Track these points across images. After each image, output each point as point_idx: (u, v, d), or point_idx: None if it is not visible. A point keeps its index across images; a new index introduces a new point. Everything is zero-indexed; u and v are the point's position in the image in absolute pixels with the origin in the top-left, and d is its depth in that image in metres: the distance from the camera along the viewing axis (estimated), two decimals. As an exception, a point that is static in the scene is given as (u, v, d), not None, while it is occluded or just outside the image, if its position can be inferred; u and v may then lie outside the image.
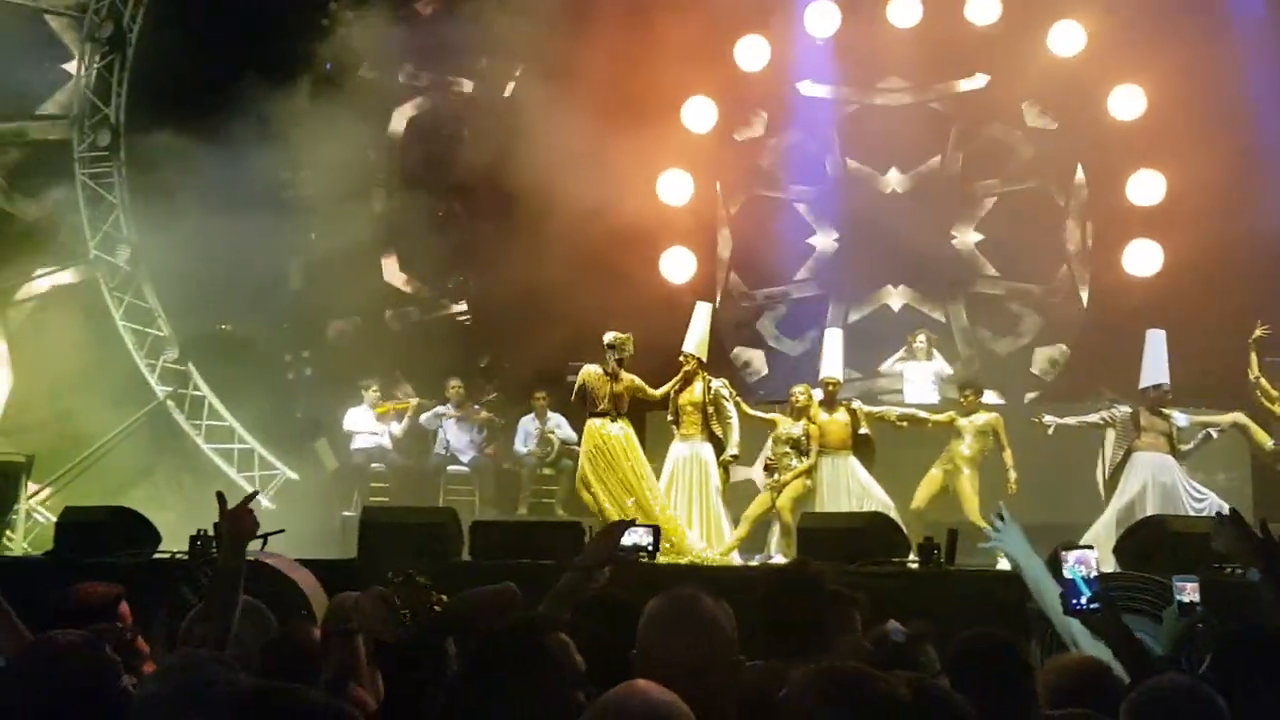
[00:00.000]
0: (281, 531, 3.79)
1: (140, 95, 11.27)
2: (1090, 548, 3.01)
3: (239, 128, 10.32)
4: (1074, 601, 2.81)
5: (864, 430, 8.87)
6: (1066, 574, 2.86)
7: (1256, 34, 10.34)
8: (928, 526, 8.05)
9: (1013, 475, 8.56)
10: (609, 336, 8.58)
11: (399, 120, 12.08)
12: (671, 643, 2.20)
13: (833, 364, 9.09)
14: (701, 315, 8.93)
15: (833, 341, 9.24)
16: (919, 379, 10.15)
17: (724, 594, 2.35)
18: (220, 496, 3.01)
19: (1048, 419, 8.70)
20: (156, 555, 7.33)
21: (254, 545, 3.14)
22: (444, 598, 2.81)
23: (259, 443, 11.09)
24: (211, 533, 7.15)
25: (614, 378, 8.56)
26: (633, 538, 2.99)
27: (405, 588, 2.80)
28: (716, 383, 8.76)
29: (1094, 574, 2.83)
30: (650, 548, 3.00)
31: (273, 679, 3.38)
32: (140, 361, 11.00)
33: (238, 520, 2.92)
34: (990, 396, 9.98)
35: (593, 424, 8.57)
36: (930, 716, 2.01)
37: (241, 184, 10.35)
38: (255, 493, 3.09)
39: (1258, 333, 8.77)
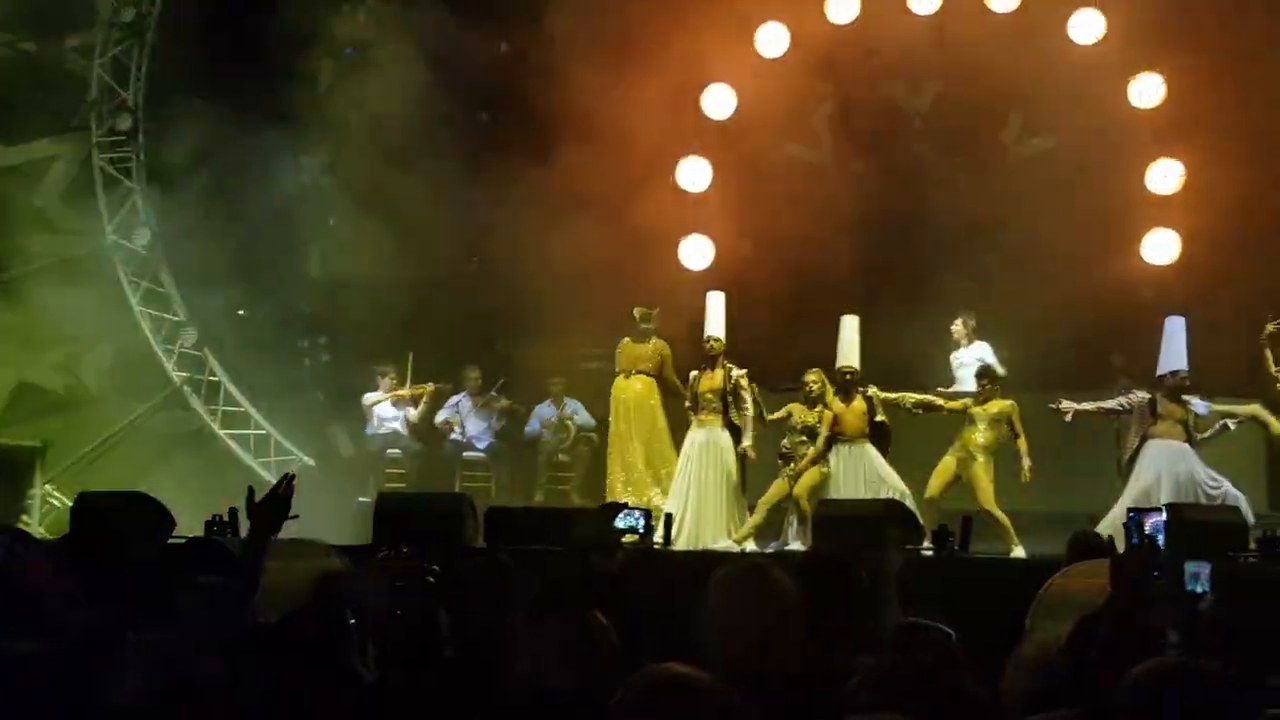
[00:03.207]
0: (295, 517, 3.80)
1: (159, 79, 11.30)
2: (1160, 510, 2.98)
3: (258, 112, 10.35)
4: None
5: (880, 418, 8.84)
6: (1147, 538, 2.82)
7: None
8: (943, 515, 8.05)
9: (1026, 464, 8.51)
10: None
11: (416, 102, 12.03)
12: (742, 612, 2.18)
13: (849, 352, 9.05)
14: (716, 303, 9.05)
15: (848, 329, 9.20)
16: (964, 366, 10.00)
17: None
18: (250, 490, 3.05)
19: (1065, 404, 8.64)
20: (171, 540, 7.37)
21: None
22: (436, 569, 2.84)
23: (275, 429, 11.14)
24: (228, 518, 7.23)
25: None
26: (627, 520, 3.00)
27: (397, 561, 2.83)
28: (737, 372, 8.83)
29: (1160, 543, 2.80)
30: (641, 530, 3.01)
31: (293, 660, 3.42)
32: (157, 347, 11.06)
33: (270, 513, 2.96)
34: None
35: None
36: (995, 714, 2.00)
37: (260, 169, 10.38)
38: (291, 475, 3.11)
39: (1270, 328, 8.68)
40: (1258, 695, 2.41)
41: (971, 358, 10.02)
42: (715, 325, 9.03)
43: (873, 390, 8.91)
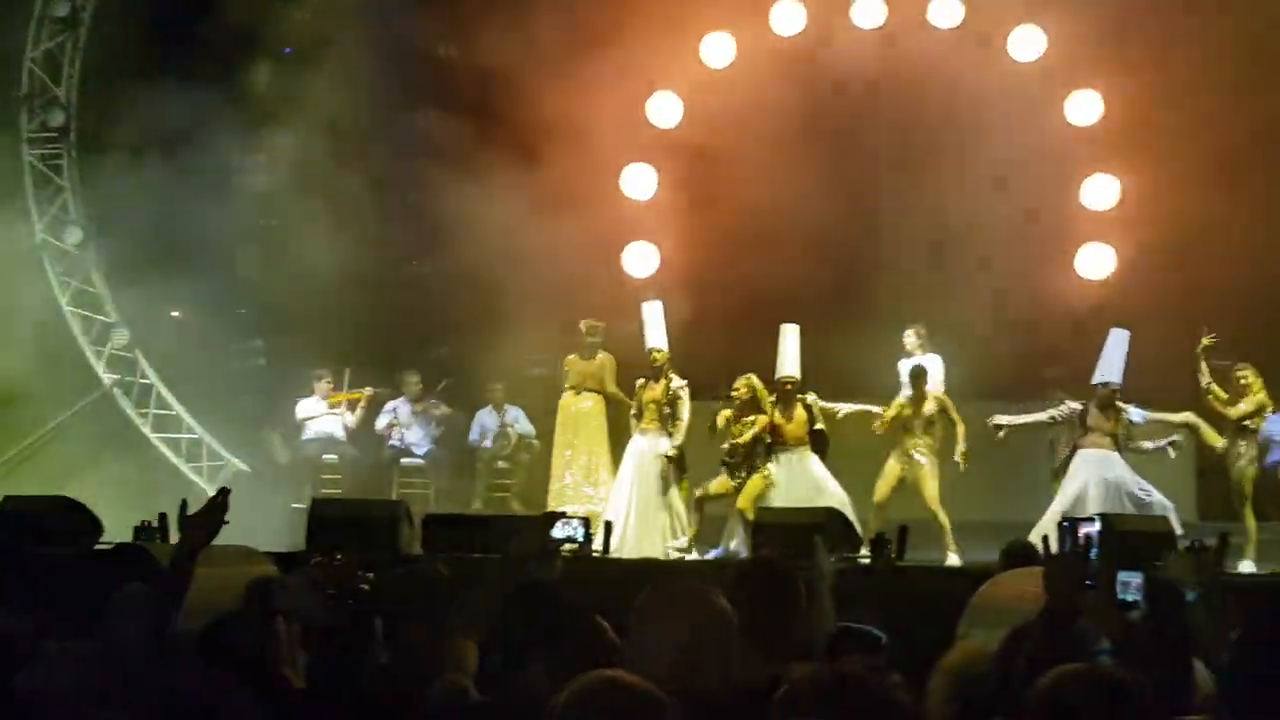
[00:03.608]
0: (226, 523, 3.73)
1: (93, 76, 11.08)
2: (1092, 520, 3.00)
3: (195, 111, 10.18)
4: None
5: (819, 426, 8.91)
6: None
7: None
8: (889, 521, 8.12)
9: (961, 447, 8.62)
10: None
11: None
12: (669, 626, 2.17)
13: (790, 362, 9.10)
14: (654, 313, 9.09)
15: (789, 338, 9.25)
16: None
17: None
18: (184, 503, 3.00)
19: (998, 419, 8.75)
20: (98, 546, 7.20)
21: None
22: (370, 576, 2.80)
23: (208, 433, 10.94)
24: (157, 523, 7.07)
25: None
26: (565, 530, 3.00)
27: (329, 568, 2.78)
28: (677, 383, 8.89)
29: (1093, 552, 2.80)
30: (579, 540, 2.99)
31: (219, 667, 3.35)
32: (86, 348, 10.81)
33: (203, 526, 2.93)
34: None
35: None
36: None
37: (196, 168, 10.21)
38: (227, 490, 3.07)
39: (1205, 341, 8.88)
40: (1174, 702, 2.44)
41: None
42: (656, 336, 9.10)
43: (811, 398, 8.97)
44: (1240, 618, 2.98)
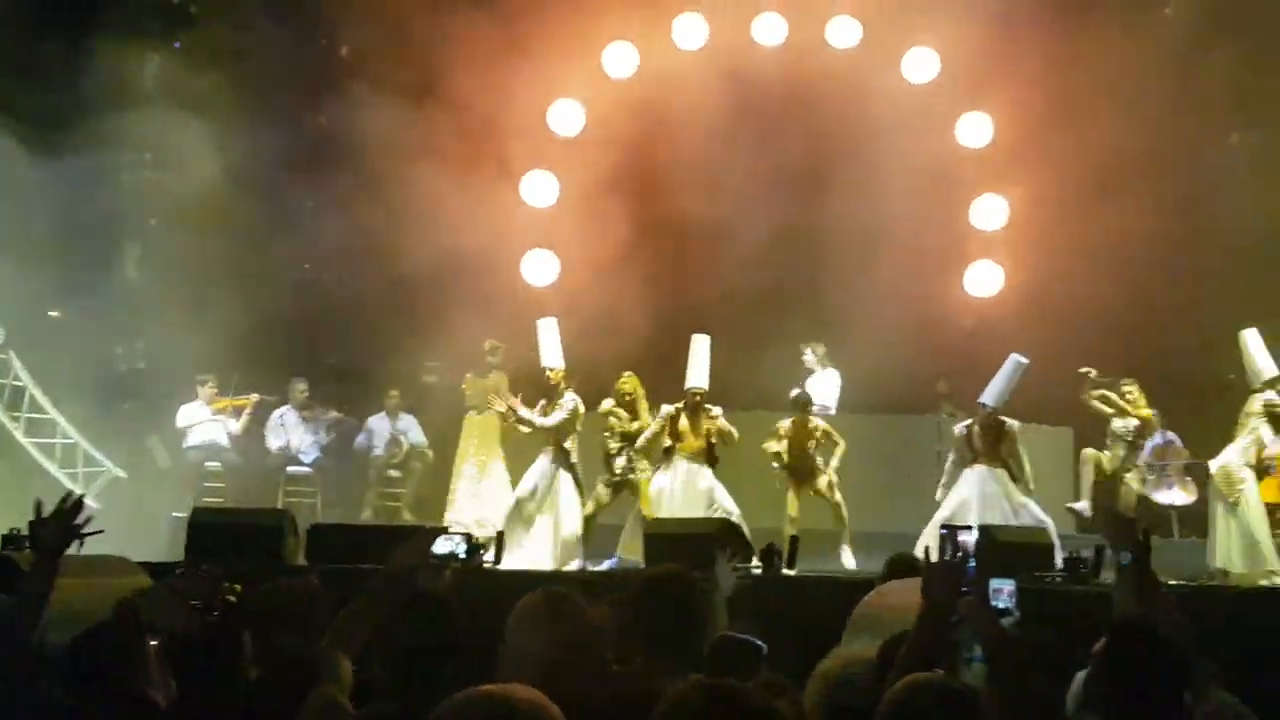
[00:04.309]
0: (100, 532, 3.57)
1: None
2: (970, 528, 3.05)
3: (78, 105, 9.83)
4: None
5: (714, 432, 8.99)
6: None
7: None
8: (804, 534, 8.24)
9: (835, 464, 8.88)
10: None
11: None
12: (536, 636, 2.15)
13: (698, 373, 9.09)
14: (549, 330, 9.01)
15: (699, 349, 9.25)
16: (818, 394, 10.09)
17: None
18: (38, 505, 2.87)
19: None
20: (-38, 555, 6.87)
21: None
22: (238, 588, 2.71)
23: (85, 438, 10.52)
24: (28, 533, 6.78)
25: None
26: (447, 546, 2.94)
27: (194, 579, 2.68)
28: (568, 398, 8.86)
29: (971, 561, 2.84)
30: (462, 556, 2.94)
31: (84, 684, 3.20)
32: (-46, 348, 10.31)
33: (58, 530, 2.81)
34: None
35: None
36: None
37: (77, 165, 9.84)
38: (80, 495, 2.93)
39: (1091, 379, 9.23)
40: (1047, 708, 2.50)
41: (822, 384, 10.30)
42: (551, 355, 8.92)
43: (717, 411, 9.00)
44: (1166, 598, 3.08)
